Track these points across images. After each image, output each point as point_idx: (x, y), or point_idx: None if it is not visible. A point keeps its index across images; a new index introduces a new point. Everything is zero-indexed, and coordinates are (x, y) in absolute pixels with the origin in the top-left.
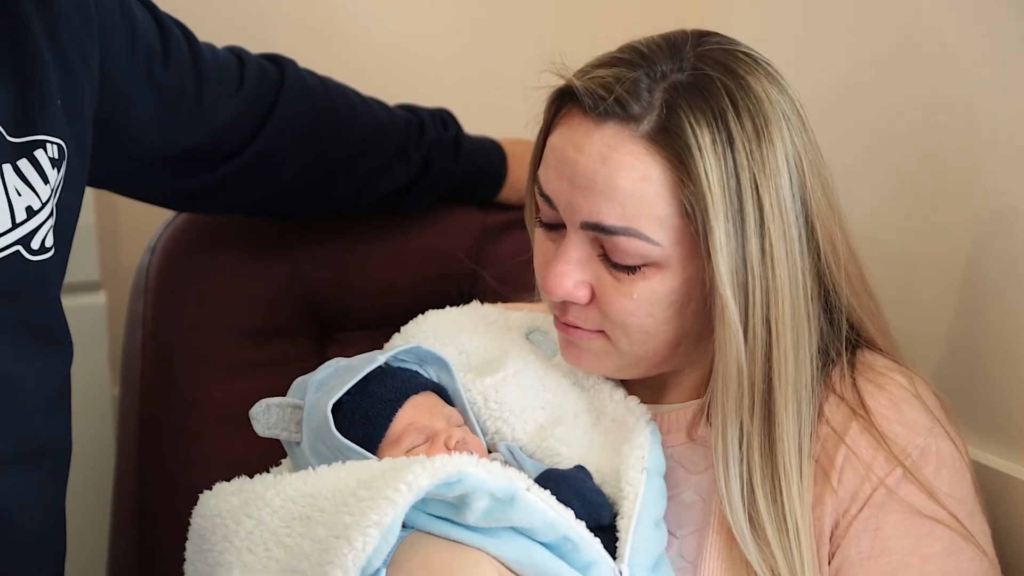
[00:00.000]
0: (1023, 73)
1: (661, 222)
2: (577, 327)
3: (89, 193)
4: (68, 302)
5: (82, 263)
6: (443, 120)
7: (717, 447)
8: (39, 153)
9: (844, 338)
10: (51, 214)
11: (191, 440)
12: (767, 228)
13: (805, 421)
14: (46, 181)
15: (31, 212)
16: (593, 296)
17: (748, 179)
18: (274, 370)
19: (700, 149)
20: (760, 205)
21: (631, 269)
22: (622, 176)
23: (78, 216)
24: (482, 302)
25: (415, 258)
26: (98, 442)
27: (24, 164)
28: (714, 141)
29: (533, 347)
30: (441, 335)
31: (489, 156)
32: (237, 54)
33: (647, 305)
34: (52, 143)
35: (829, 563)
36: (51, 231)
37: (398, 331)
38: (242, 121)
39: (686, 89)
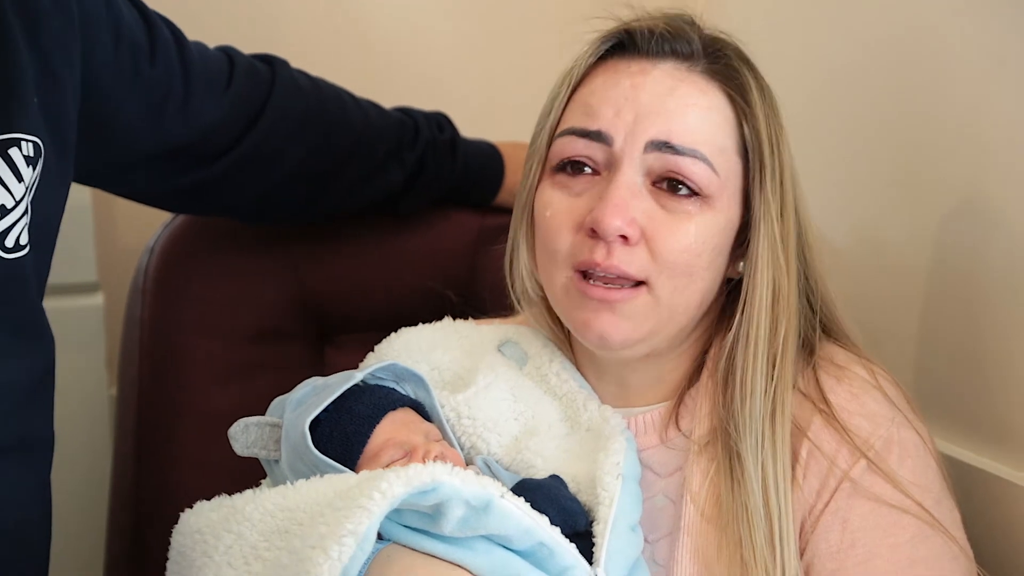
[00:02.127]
0: (1019, 73)
1: (723, 152)
2: (617, 282)
3: (87, 195)
4: (66, 303)
5: (80, 264)
6: (439, 123)
7: (746, 374)
8: (13, 152)
9: (819, 317)
10: (25, 212)
11: (188, 441)
12: (786, 186)
13: (789, 372)
14: (20, 179)
15: (3, 211)
16: (641, 236)
17: (777, 134)
18: (271, 372)
19: (751, 92)
20: (782, 164)
21: (686, 198)
22: (692, 102)
23: (61, 214)
24: (479, 307)
25: (413, 261)
26: (95, 442)
27: None
28: (759, 88)
29: (504, 359)
30: (414, 352)
31: (486, 159)
32: (227, 53)
33: (698, 242)
34: (28, 141)
35: (801, 558)
36: (26, 229)
37: (374, 347)
38: (231, 120)
39: (723, 42)
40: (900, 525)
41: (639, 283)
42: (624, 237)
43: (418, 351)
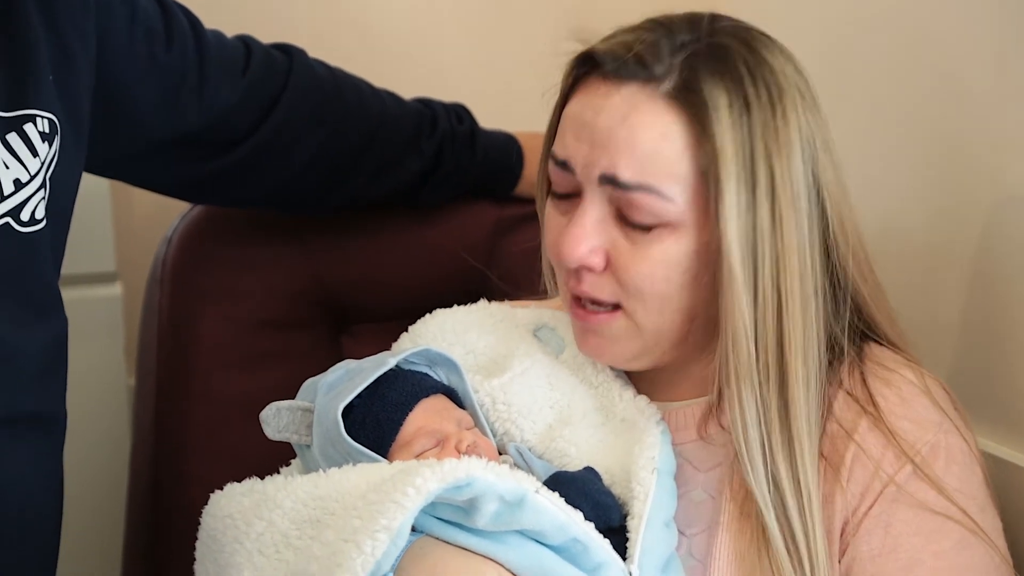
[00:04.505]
0: None
1: (677, 180)
2: (594, 305)
3: (105, 184)
4: (84, 292)
5: (98, 254)
6: (457, 114)
7: (735, 413)
8: (28, 127)
9: (848, 321)
10: (42, 186)
11: (206, 431)
12: (777, 196)
13: (813, 394)
14: (35, 154)
15: (19, 185)
16: (607, 264)
17: (762, 146)
18: (289, 362)
19: (717, 109)
20: (772, 173)
21: (646, 229)
22: (641, 133)
23: (75, 192)
24: (494, 298)
25: (430, 251)
26: (114, 432)
27: (13, 138)
28: (730, 104)
29: (540, 344)
30: (448, 334)
31: (505, 150)
32: (244, 41)
33: (663, 268)
34: (43, 117)
35: (840, 561)
36: (42, 203)
37: (408, 328)
38: (248, 106)
39: (705, 54)
40: (943, 532)
41: (616, 306)
42: (588, 267)
43: (452, 333)
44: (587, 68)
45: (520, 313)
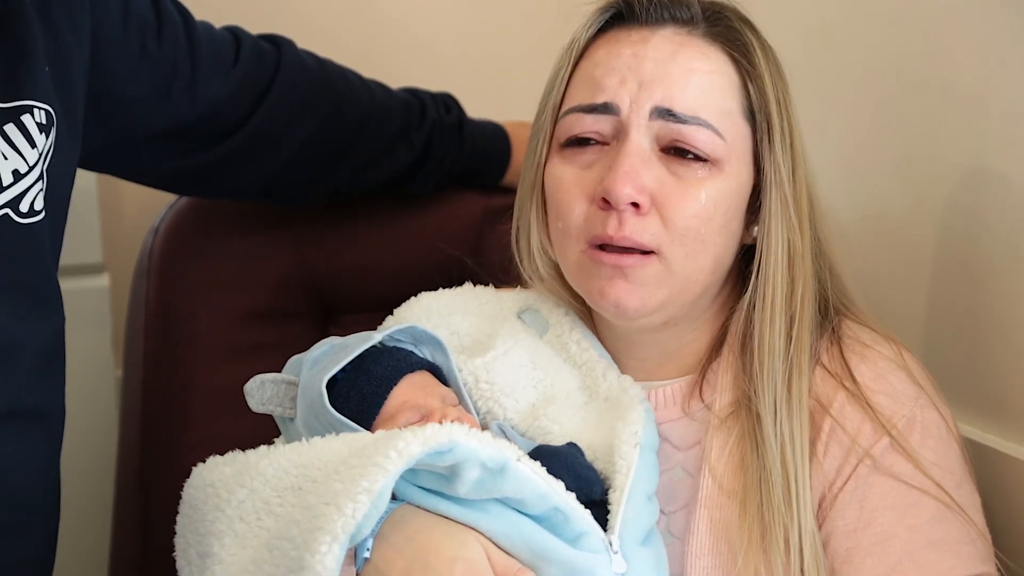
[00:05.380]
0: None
1: (727, 116)
2: (632, 248)
3: (92, 176)
4: (72, 284)
5: (85, 245)
6: (446, 104)
7: (763, 351)
8: (26, 118)
9: (831, 289)
10: (40, 177)
11: (193, 422)
12: (795, 143)
13: (806, 346)
14: (33, 145)
15: (18, 175)
16: (652, 204)
17: (784, 96)
18: (277, 352)
19: (756, 52)
20: (791, 125)
21: (695, 163)
22: (694, 66)
23: (72, 183)
24: (476, 284)
25: (418, 241)
26: (102, 424)
27: (11, 129)
28: (763, 49)
29: (524, 326)
30: (433, 316)
31: (493, 139)
32: (234, 32)
33: (709, 206)
34: (40, 108)
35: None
36: (41, 195)
37: (393, 311)
38: (238, 98)
39: (721, 5)
40: (919, 506)
41: (650, 252)
42: (635, 205)
43: (437, 315)
44: (609, 19)
45: (504, 296)
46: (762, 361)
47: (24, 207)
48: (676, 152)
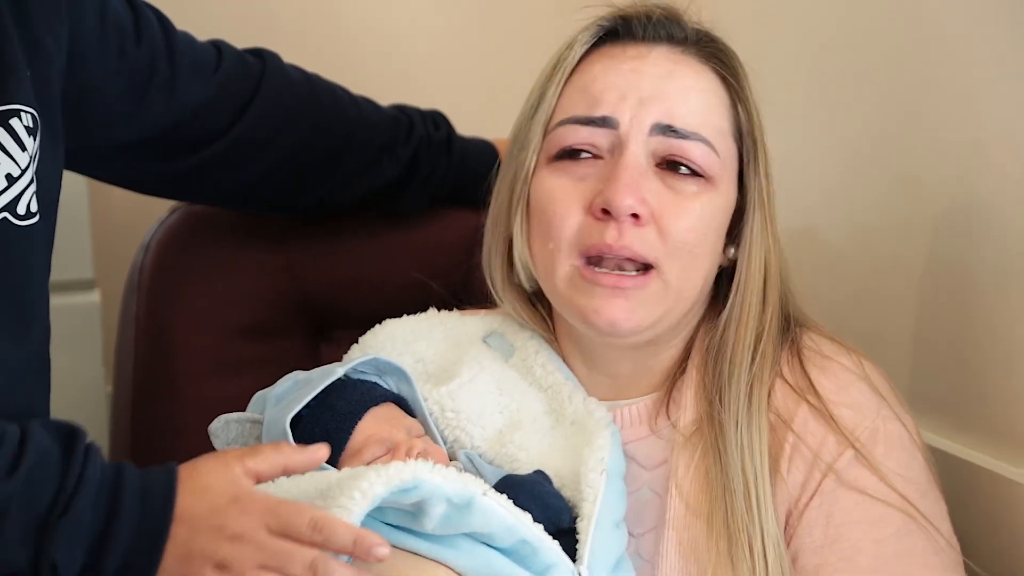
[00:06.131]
0: (1014, 72)
1: (720, 134)
2: (627, 264)
3: (83, 192)
4: (63, 300)
5: (76, 261)
6: (434, 120)
7: (735, 350)
8: (14, 122)
9: (790, 304)
10: (32, 180)
11: (184, 438)
12: (770, 170)
13: (769, 354)
14: (23, 148)
15: (11, 179)
16: (650, 216)
17: (760, 122)
18: (268, 368)
19: (744, 77)
20: (766, 148)
21: (693, 176)
22: (690, 83)
23: (59, 186)
24: (470, 304)
25: (409, 257)
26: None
27: (0, 133)
28: (745, 74)
29: (490, 350)
30: (398, 344)
31: (482, 155)
32: (216, 44)
33: (703, 221)
34: (26, 112)
35: (788, 548)
36: (34, 197)
37: (358, 339)
38: (219, 104)
39: (706, 30)
40: (885, 519)
41: (646, 268)
42: (635, 216)
43: (402, 343)
44: (601, 40)
45: (470, 321)
46: (730, 375)
47: (21, 209)
48: (669, 166)
